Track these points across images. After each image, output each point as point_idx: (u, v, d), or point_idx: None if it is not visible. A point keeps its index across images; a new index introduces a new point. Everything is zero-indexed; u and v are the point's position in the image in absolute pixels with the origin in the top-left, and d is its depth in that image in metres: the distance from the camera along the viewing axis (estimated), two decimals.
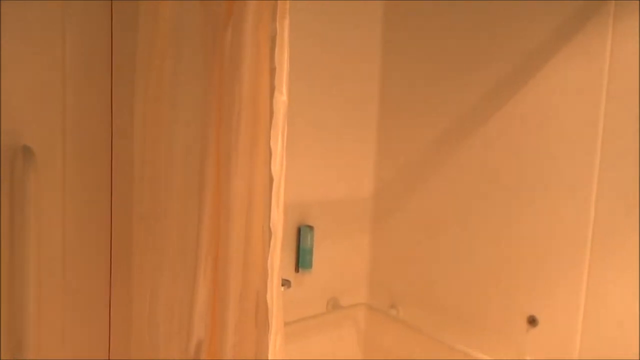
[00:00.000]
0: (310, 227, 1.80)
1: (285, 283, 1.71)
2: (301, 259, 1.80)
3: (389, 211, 1.99)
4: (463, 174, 1.71)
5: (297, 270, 1.82)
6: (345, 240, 1.99)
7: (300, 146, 1.77)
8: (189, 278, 1.07)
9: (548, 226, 1.48)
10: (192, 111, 1.05)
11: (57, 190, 1.27)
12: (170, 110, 1.11)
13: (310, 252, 1.81)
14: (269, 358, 0.92)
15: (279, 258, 0.95)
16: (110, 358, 1.37)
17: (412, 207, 1.89)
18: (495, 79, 1.60)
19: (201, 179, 1.03)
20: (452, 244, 1.75)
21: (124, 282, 1.31)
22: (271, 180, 0.91)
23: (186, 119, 1.08)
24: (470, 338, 1.68)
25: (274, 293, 0.94)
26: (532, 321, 1.52)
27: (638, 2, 1.28)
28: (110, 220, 1.36)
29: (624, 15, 1.31)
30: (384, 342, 2.00)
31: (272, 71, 0.88)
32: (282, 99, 0.93)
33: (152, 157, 1.18)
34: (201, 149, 1.03)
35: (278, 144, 0.93)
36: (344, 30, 1.86)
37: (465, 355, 1.66)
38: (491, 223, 1.63)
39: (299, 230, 1.80)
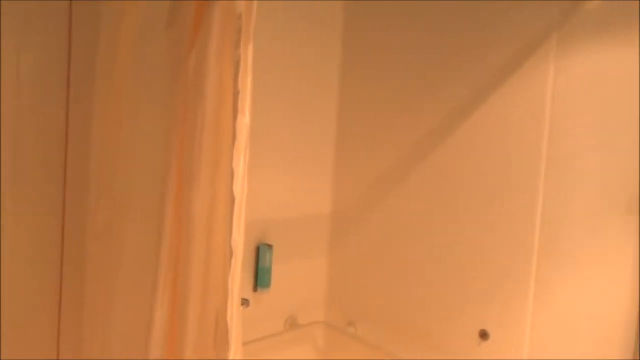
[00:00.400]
0: (269, 246, 1.81)
1: (244, 302, 1.70)
2: (260, 277, 1.81)
3: (346, 230, 2.02)
4: (417, 193, 1.78)
5: (255, 289, 1.82)
6: (303, 259, 2.00)
7: (259, 165, 1.79)
8: (146, 298, 1.06)
9: (497, 244, 1.56)
10: (154, 133, 1.06)
11: (6, 209, 1.23)
12: (131, 131, 1.10)
13: (269, 271, 1.81)
14: None
15: (239, 277, 0.96)
16: None
17: (369, 226, 1.94)
18: (451, 103, 1.69)
19: (162, 198, 1.03)
20: (407, 261, 1.81)
21: (76, 303, 1.27)
22: (232, 200, 0.93)
23: (147, 141, 1.08)
24: (426, 353, 1.73)
25: (234, 313, 0.95)
26: (483, 335, 1.58)
27: (578, 37, 1.40)
28: (62, 239, 1.33)
29: (566, 48, 1.42)
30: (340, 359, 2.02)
31: (236, 94, 0.91)
32: (244, 121, 0.95)
33: (110, 176, 1.16)
34: (162, 169, 1.03)
35: (240, 165, 0.95)
36: (302, 52, 1.90)
37: None
38: (444, 242, 1.69)
39: (257, 249, 1.81)
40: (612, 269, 1.32)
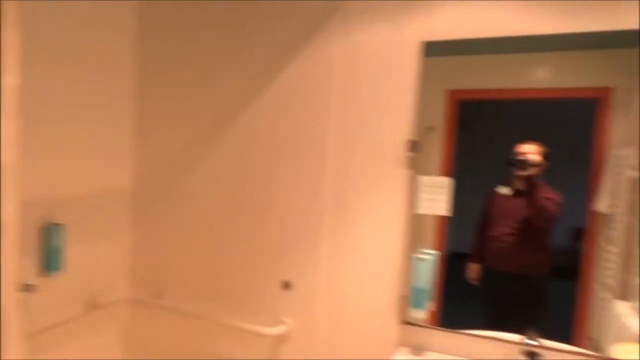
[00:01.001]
0: (59, 225, 1.63)
1: (28, 288, 1.52)
2: (49, 260, 1.62)
3: (149, 204, 1.95)
4: (218, 163, 1.81)
5: (45, 273, 1.63)
6: (103, 236, 1.86)
7: (48, 136, 1.59)
8: None
9: (294, 203, 1.69)
10: None
11: None
12: None
13: (60, 252, 1.64)
14: None
15: (14, 259, 0.86)
16: None
17: (172, 198, 1.90)
18: (249, 76, 1.74)
19: None
20: (211, 228, 1.84)
21: None
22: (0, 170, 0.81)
23: None
24: (235, 309, 1.80)
25: (9, 298, 0.85)
26: (286, 285, 1.71)
27: (362, 15, 1.56)
28: None
29: (349, 25, 1.58)
30: (149, 332, 1.96)
31: None
32: (12, 81, 0.83)
33: None
34: None
35: (9, 130, 0.83)
36: (97, 17, 1.72)
37: (230, 328, 1.79)
38: (245, 207, 1.77)
39: (45, 229, 1.61)
40: (387, 214, 1.56)
